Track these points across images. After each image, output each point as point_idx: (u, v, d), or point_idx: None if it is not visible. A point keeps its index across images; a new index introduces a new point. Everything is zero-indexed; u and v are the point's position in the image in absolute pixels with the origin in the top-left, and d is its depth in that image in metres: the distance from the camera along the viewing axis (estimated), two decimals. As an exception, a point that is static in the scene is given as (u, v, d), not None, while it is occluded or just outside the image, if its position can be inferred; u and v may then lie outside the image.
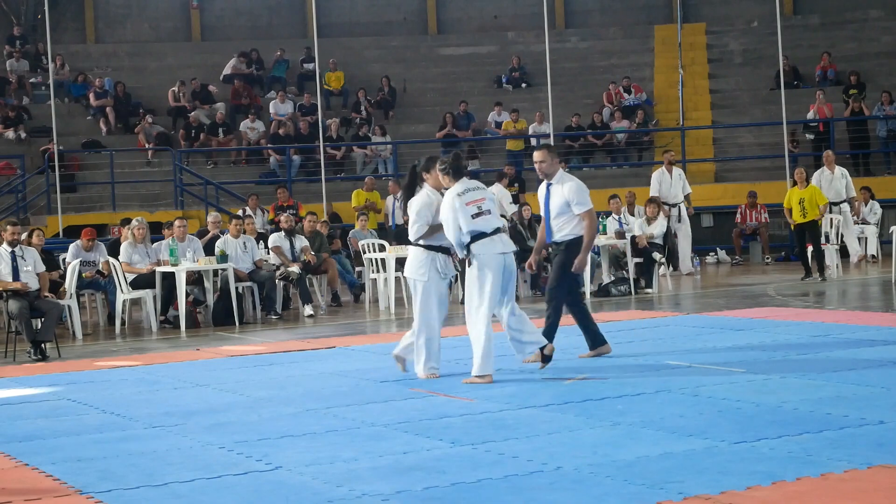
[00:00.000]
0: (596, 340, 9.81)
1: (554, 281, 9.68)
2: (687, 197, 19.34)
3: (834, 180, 19.10)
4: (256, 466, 6.27)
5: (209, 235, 16.10)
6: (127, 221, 15.69)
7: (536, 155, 9.71)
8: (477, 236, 8.73)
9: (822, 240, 17.64)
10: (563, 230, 9.52)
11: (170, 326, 14.28)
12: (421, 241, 8.98)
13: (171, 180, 22.97)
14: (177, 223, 14.79)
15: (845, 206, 19.16)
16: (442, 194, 8.96)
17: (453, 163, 8.93)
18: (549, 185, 9.62)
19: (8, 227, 12.44)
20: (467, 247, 8.75)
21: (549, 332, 9.43)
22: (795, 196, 16.85)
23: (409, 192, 9.28)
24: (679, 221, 19.08)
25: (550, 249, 9.82)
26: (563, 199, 9.53)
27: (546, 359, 9.11)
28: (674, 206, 19.09)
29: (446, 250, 9.02)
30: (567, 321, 9.79)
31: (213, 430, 7.39)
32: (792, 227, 17.42)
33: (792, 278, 16.99)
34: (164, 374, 10.16)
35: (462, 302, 11.53)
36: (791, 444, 6.18)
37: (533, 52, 27.63)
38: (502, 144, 25.10)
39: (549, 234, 9.67)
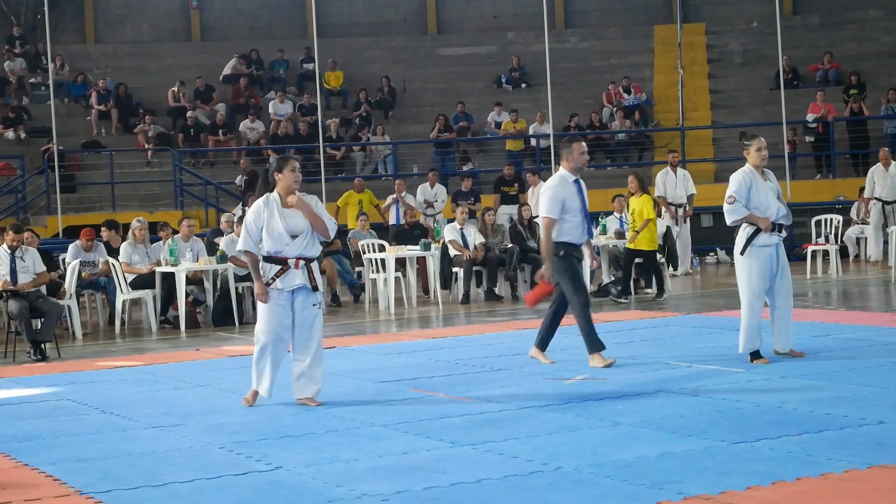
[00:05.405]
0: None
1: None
2: (690, 198, 19.18)
3: (888, 177, 18.77)
4: (256, 466, 6.27)
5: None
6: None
7: (584, 146, 9.52)
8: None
9: (822, 239, 17.61)
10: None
11: (170, 326, 14.27)
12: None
13: (170, 180, 22.97)
14: (185, 223, 14.93)
15: None
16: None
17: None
18: (577, 180, 9.38)
19: (10, 232, 12.41)
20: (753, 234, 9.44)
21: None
22: (630, 206, 15.24)
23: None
24: (684, 222, 19.02)
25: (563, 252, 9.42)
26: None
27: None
28: (678, 206, 19.07)
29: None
30: (568, 321, 9.77)
31: (213, 430, 7.38)
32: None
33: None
34: (164, 374, 10.16)
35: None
36: (791, 444, 6.18)
37: (533, 52, 27.60)
38: (502, 144, 25.10)
39: (589, 231, 9.46)
